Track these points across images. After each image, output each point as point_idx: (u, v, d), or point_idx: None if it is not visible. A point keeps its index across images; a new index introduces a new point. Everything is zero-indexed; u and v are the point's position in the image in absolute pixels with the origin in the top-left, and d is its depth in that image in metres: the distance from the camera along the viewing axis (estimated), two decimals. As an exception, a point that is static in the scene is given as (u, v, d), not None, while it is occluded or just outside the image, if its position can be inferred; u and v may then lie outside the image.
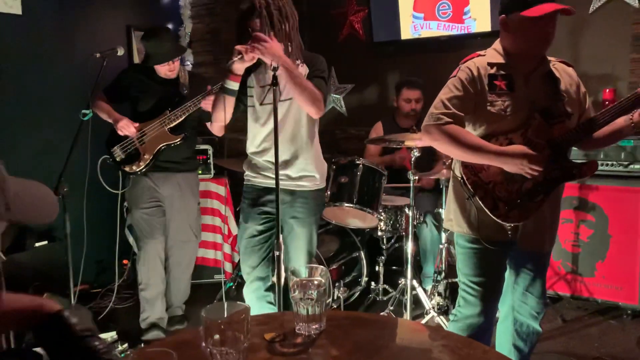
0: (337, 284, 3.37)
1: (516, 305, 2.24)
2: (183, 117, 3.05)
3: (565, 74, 2.12)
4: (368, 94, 4.78)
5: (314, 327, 1.33)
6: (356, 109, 4.86)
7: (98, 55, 2.94)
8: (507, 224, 2.03)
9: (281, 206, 2.50)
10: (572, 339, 3.13)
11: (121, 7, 4.22)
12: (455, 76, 2.05)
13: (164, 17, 4.55)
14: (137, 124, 3.07)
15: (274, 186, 2.15)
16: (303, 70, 2.40)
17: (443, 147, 2.02)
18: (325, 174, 2.62)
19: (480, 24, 4.02)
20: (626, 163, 3.29)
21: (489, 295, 2.17)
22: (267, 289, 2.58)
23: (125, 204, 3.33)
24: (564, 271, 3.51)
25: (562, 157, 2.03)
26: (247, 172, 2.59)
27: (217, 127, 2.50)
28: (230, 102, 2.35)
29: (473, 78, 2.03)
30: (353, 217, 3.42)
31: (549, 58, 2.11)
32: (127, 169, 3.12)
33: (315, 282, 1.29)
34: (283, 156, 2.41)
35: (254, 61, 2.27)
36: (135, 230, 3.28)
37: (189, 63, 4.60)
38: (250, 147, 2.54)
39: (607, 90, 3.46)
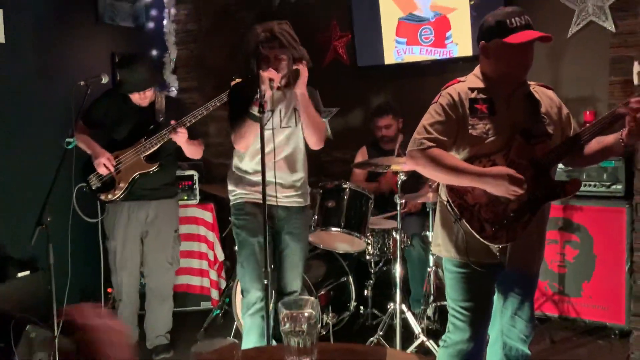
0: (325, 310, 3.34)
1: (505, 329, 2.23)
2: (158, 146, 3.05)
3: (545, 96, 2.15)
4: (353, 117, 4.80)
5: (304, 360, 1.31)
6: (341, 132, 4.87)
7: (82, 83, 2.94)
8: (495, 246, 2.04)
9: (277, 222, 2.59)
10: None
11: (105, 34, 4.22)
12: (436, 102, 2.10)
13: (149, 43, 4.56)
14: (112, 155, 3.06)
15: (270, 203, 2.22)
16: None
17: (426, 170, 2.06)
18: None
19: (462, 48, 4.09)
20: (608, 184, 3.34)
21: (479, 320, 2.16)
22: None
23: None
24: (551, 292, 3.53)
25: (545, 176, 2.05)
26: (237, 190, 2.63)
27: (244, 147, 2.56)
28: (256, 127, 2.36)
29: (454, 103, 2.06)
30: (341, 242, 3.41)
31: (529, 82, 2.15)
32: (102, 197, 3.10)
33: (306, 314, 1.28)
34: (281, 179, 2.53)
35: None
36: (111, 258, 3.25)
37: (173, 89, 4.60)
38: (247, 164, 2.60)
39: (588, 112, 3.53)
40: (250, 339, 2.56)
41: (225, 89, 4.75)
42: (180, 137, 3.01)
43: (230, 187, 2.66)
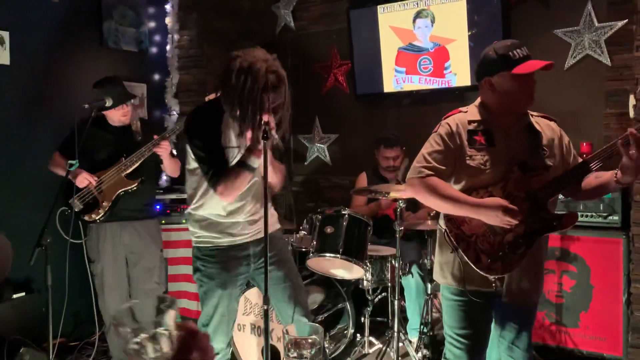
0: (322, 329, 3.31)
1: (503, 358, 2.23)
2: (139, 162, 3.08)
3: (546, 127, 2.17)
4: (352, 144, 4.85)
5: (308, 387, 1.31)
6: (340, 158, 4.92)
7: (87, 106, 2.97)
8: (491, 276, 2.05)
9: (254, 259, 2.43)
10: (559, 391, 3.13)
11: (109, 58, 4.27)
12: (436, 132, 2.14)
13: (152, 68, 4.62)
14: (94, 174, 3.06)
15: (245, 240, 2.15)
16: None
17: (424, 198, 2.10)
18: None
19: (461, 78, 4.15)
20: (605, 214, 3.37)
21: (475, 347, 2.17)
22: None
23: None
24: (548, 322, 3.52)
25: (542, 209, 2.06)
26: (203, 234, 2.39)
27: (231, 198, 2.29)
28: (249, 178, 2.24)
29: (452, 133, 2.10)
30: (339, 268, 3.41)
31: (531, 113, 2.18)
32: (86, 218, 3.10)
33: (310, 341, 1.28)
34: (254, 216, 2.39)
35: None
36: (96, 280, 3.24)
37: (174, 112, 4.64)
38: (215, 209, 2.35)
39: (585, 143, 3.58)
40: None
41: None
42: (164, 151, 3.08)
43: (193, 229, 2.43)
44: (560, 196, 2.23)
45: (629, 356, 3.04)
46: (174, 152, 3.28)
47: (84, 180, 3.02)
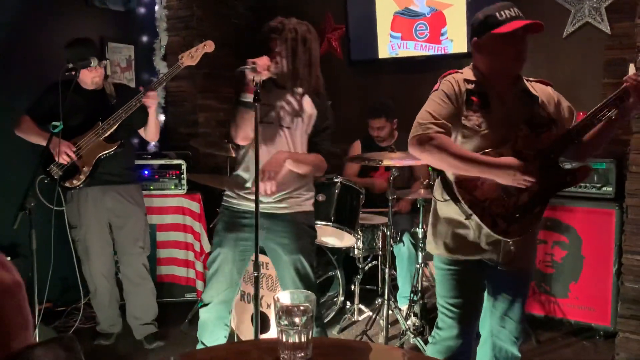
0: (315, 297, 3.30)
1: (495, 329, 2.22)
2: (116, 126, 2.98)
3: (542, 92, 2.12)
4: (346, 111, 4.75)
5: (299, 355, 1.27)
6: (333, 126, 4.83)
7: (70, 65, 2.86)
8: (509, 239, 2.01)
9: (260, 232, 2.34)
10: (547, 360, 3.15)
11: (95, 18, 4.12)
12: (437, 89, 2.04)
13: (139, 29, 4.47)
14: (70, 142, 2.96)
15: (250, 209, 2.11)
16: (309, 108, 2.39)
17: (432, 157, 1.96)
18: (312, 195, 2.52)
19: (457, 45, 4.07)
20: (599, 185, 3.35)
21: (467, 317, 2.15)
22: (228, 312, 2.51)
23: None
24: (538, 292, 3.53)
25: (553, 165, 2.03)
26: (226, 193, 2.49)
27: (242, 139, 2.37)
28: (251, 115, 2.18)
29: (454, 91, 2.01)
30: (330, 236, 3.38)
31: (526, 78, 2.13)
32: (67, 184, 3.02)
33: (302, 308, 1.24)
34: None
35: (265, 76, 2.20)
36: (79, 246, 3.19)
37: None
38: (243, 172, 2.45)
39: (581, 113, 3.51)
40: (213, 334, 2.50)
41: (216, 77, 4.68)
42: (152, 101, 2.99)
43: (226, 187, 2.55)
44: (567, 165, 2.19)
45: (617, 326, 3.05)
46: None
47: (63, 155, 2.91)
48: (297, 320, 1.23)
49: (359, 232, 3.35)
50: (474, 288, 2.15)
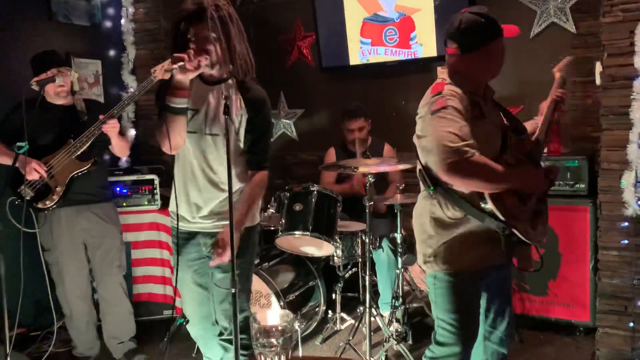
0: (294, 315, 3.26)
1: (486, 332, 2.20)
2: (88, 143, 2.87)
3: None
4: (319, 118, 4.76)
5: (279, 376, 1.23)
6: (307, 134, 4.82)
7: (34, 83, 2.79)
8: (537, 242, 2.01)
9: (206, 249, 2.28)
10: (530, 357, 3.16)
11: (60, 33, 4.03)
12: (446, 107, 1.84)
13: (106, 43, 4.39)
14: (41, 161, 2.86)
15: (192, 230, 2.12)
16: (241, 110, 2.13)
17: (473, 181, 1.84)
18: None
19: (427, 49, 4.08)
20: (572, 183, 3.38)
21: (471, 334, 2.11)
22: (212, 324, 2.39)
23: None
24: (518, 291, 3.54)
25: (539, 167, 2.10)
26: (172, 212, 2.34)
27: (172, 147, 2.13)
28: (181, 122, 2.04)
29: (463, 105, 1.88)
30: (308, 245, 3.35)
31: None
32: (40, 205, 2.92)
33: (280, 328, 1.21)
34: (201, 204, 2.24)
35: (198, 72, 1.99)
36: (53, 269, 3.10)
37: (132, 90, 4.44)
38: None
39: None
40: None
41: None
42: (111, 130, 2.87)
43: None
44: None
45: (597, 322, 3.08)
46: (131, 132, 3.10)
47: (32, 172, 2.81)
48: (274, 341, 1.20)
49: (338, 240, 3.32)
50: (477, 298, 2.11)
